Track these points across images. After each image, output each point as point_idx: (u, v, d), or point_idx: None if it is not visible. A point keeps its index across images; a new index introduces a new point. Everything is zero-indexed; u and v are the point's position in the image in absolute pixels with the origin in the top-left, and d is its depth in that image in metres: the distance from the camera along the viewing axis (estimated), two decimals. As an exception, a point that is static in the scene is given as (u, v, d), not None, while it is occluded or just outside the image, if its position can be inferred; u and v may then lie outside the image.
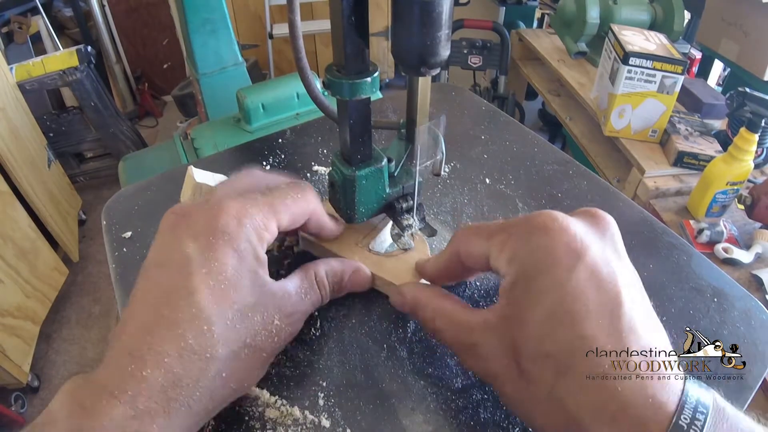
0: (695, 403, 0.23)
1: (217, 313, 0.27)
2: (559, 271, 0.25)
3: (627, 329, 0.24)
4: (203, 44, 1.45)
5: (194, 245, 0.28)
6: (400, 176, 0.40)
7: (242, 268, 0.29)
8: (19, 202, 1.64)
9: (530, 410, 0.27)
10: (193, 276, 0.27)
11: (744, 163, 1.00)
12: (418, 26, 0.29)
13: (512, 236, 0.28)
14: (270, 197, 0.32)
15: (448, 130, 0.39)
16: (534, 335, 0.25)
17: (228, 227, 0.29)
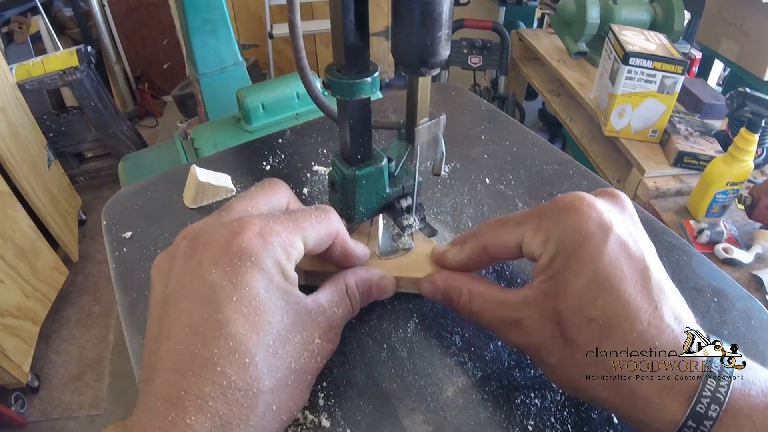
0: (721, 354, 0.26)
1: (257, 343, 0.25)
2: (593, 244, 0.28)
3: (657, 290, 0.27)
4: (203, 44, 1.45)
5: (217, 271, 0.26)
6: (400, 176, 0.40)
7: (273, 289, 0.27)
8: (19, 202, 1.64)
9: (576, 376, 0.28)
10: (223, 306, 0.25)
11: (744, 163, 1.00)
12: (418, 26, 0.29)
13: (544, 219, 0.30)
14: (293, 215, 0.30)
15: (448, 130, 0.39)
16: (577, 303, 0.27)
17: (252, 246, 0.27)
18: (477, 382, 0.34)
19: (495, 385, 0.34)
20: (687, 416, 0.25)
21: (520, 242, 0.31)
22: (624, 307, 0.27)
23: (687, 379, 0.25)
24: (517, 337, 0.31)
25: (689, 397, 0.25)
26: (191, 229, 0.30)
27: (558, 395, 0.33)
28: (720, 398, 0.25)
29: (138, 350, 0.36)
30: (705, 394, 0.25)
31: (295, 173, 0.52)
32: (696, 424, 0.25)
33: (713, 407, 0.24)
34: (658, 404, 0.26)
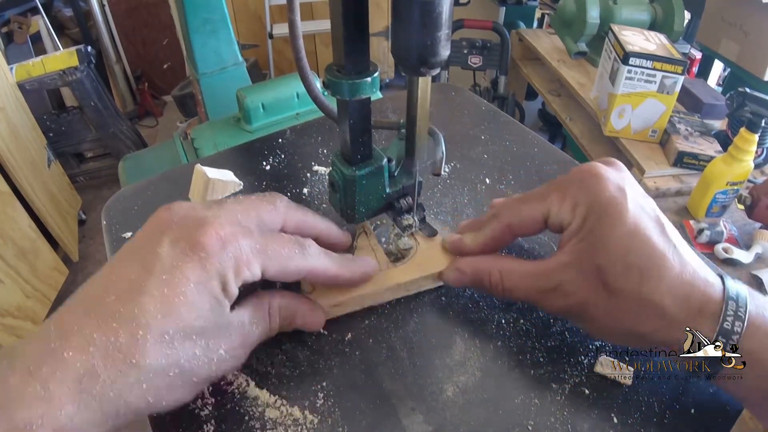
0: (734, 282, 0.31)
1: (159, 324, 0.26)
2: (617, 204, 0.31)
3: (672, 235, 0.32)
4: (203, 44, 1.44)
5: (169, 249, 0.28)
6: (400, 176, 0.40)
7: (204, 291, 0.28)
8: (19, 202, 1.64)
9: (622, 322, 0.31)
10: (151, 277, 0.27)
11: (744, 163, 1.00)
12: (418, 26, 0.29)
13: (568, 189, 0.33)
14: (268, 239, 0.31)
15: (448, 130, 0.39)
16: (616, 253, 0.31)
17: (207, 245, 0.28)
18: (477, 382, 0.34)
19: (495, 385, 0.34)
20: (717, 333, 0.29)
21: (546, 215, 0.34)
22: (653, 251, 0.30)
23: (711, 303, 0.30)
24: (559, 301, 0.33)
25: (716, 318, 0.30)
26: (178, 204, 0.31)
27: (558, 395, 0.33)
28: (741, 316, 0.29)
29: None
30: (729, 313, 0.29)
31: (295, 173, 0.52)
32: (725, 339, 0.29)
33: (737, 324, 0.29)
34: (692, 326, 0.30)
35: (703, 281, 0.31)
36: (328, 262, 0.34)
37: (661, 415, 0.33)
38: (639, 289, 0.30)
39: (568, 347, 0.36)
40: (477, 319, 0.38)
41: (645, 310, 0.31)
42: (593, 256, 0.31)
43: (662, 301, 0.30)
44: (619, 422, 0.32)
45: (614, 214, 0.31)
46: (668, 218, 0.33)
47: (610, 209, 0.31)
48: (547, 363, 0.35)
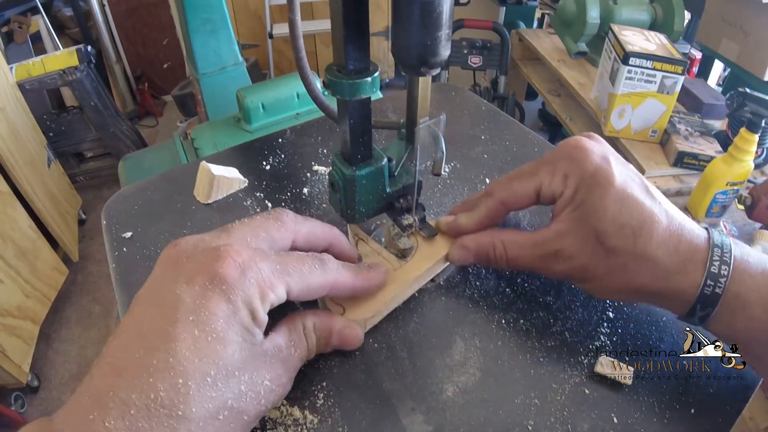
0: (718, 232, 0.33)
1: (196, 368, 0.25)
2: (604, 172, 0.34)
3: (655, 194, 0.35)
4: (203, 44, 1.44)
5: (187, 288, 0.26)
6: (400, 176, 0.40)
7: (234, 323, 0.27)
8: (19, 202, 1.64)
9: (620, 278, 0.34)
10: (178, 321, 0.25)
11: (744, 163, 1.00)
12: (419, 26, 0.29)
13: (558, 163, 0.35)
14: (286, 258, 0.30)
15: (448, 130, 0.39)
16: (610, 216, 0.33)
17: (228, 276, 0.27)
18: (477, 382, 0.34)
19: (495, 385, 0.34)
20: (705, 277, 0.32)
21: (538, 189, 0.36)
22: (642, 210, 0.33)
23: (698, 251, 0.32)
24: (560, 266, 0.35)
25: (704, 263, 0.32)
26: (185, 239, 0.30)
27: (558, 395, 0.33)
28: (727, 260, 0.32)
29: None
30: (715, 258, 0.32)
31: (295, 173, 0.52)
32: (714, 282, 0.31)
33: (723, 268, 0.32)
34: (683, 274, 0.32)
35: (690, 232, 0.33)
36: (347, 274, 0.33)
37: (661, 415, 0.33)
38: (633, 245, 0.33)
39: (568, 347, 0.36)
40: (477, 319, 0.38)
41: (640, 264, 0.33)
42: (588, 222, 0.34)
43: (654, 253, 0.32)
44: (619, 422, 0.32)
45: (603, 181, 0.33)
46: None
47: (598, 178, 0.34)
48: (547, 363, 0.35)
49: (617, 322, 0.38)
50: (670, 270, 0.32)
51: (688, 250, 0.32)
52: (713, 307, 0.32)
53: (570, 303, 0.39)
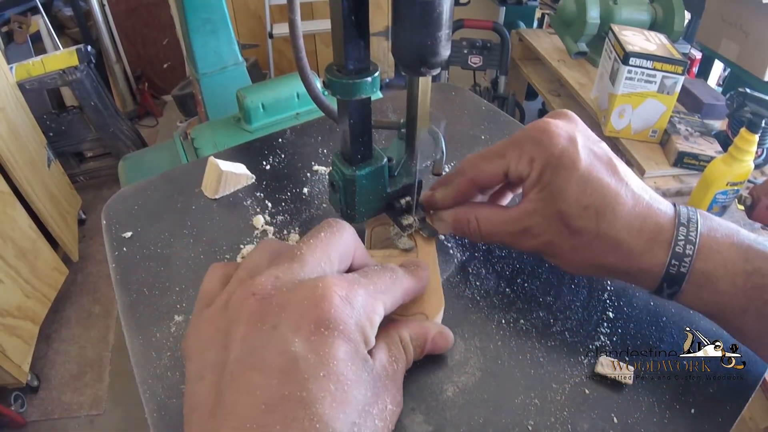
0: (686, 210, 0.34)
1: (343, 422, 0.23)
2: (570, 154, 0.34)
3: (623, 173, 0.35)
4: (203, 44, 1.44)
5: (300, 341, 0.24)
6: (400, 176, 0.40)
7: (358, 361, 0.25)
8: (19, 202, 1.64)
9: (586, 256, 0.35)
10: (308, 382, 0.23)
11: (744, 163, 1.00)
12: (419, 26, 0.29)
13: (524, 146, 0.36)
14: (370, 276, 0.29)
15: (448, 130, 0.39)
16: (573, 197, 0.34)
17: (339, 314, 0.25)
18: (477, 382, 0.34)
19: (495, 385, 0.34)
20: (669, 257, 0.32)
21: (505, 170, 0.37)
22: (607, 191, 0.33)
23: (664, 231, 0.33)
24: (529, 242, 0.36)
25: (669, 243, 0.33)
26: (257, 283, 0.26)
27: (558, 395, 0.33)
28: (692, 239, 0.32)
29: (138, 350, 0.36)
30: (680, 238, 0.32)
31: (295, 173, 0.52)
32: (678, 262, 0.32)
33: (688, 247, 0.32)
34: (648, 254, 0.33)
35: (656, 212, 0.33)
36: (412, 278, 0.32)
37: (661, 415, 0.33)
38: (597, 227, 0.33)
39: (568, 347, 0.36)
40: (477, 319, 0.38)
41: (604, 244, 0.34)
42: (553, 203, 0.34)
43: (618, 235, 0.33)
44: (619, 422, 0.32)
45: (568, 163, 0.34)
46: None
47: (563, 160, 0.34)
48: (547, 363, 0.35)
49: (617, 322, 0.38)
50: (635, 251, 0.33)
51: (654, 230, 0.33)
52: (679, 285, 0.33)
53: (570, 303, 0.39)
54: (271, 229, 0.46)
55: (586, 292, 0.40)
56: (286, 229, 0.46)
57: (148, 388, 0.34)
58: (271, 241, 0.31)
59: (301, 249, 0.28)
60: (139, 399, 0.33)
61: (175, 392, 0.34)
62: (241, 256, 0.43)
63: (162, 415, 0.32)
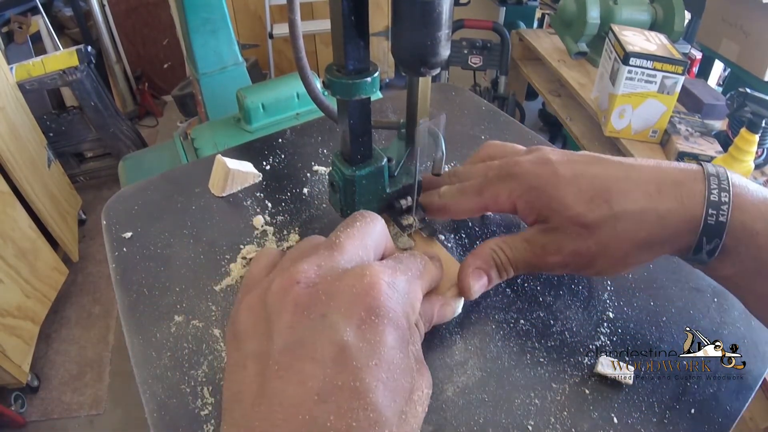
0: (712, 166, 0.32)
1: (395, 411, 0.23)
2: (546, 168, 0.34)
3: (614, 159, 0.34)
4: (203, 44, 1.44)
5: (352, 329, 0.23)
6: (400, 176, 0.40)
7: (405, 347, 0.25)
8: (19, 202, 1.64)
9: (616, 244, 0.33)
10: (361, 371, 0.22)
11: (744, 163, 1.00)
12: (418, 26, 0.29)
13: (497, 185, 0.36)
14: (406, 263, 0.29)
15: (447, 130, 0.39)
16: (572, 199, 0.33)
17: (388, 301, 0.25)
18: (477, 382, 0.34)
19: (495, 385, 0.34)
20: (706, 206, 0.30)
21: (483, 208, 0.37)
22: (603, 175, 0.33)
23: (687, 183, 0.31)
24: (555, 258, 0.34)
25: (702, 194, 0.31)
26: (300, 272, 0.26)
27: (558, 395, 0.33)
28: (726, 187, 0.30)
29: (138, 350, 0.36)
30: (713, 187, 0.30)
31: (295, 173, 0.52)
32: (716, 211, 0.30)
33: (723, 195, 0.30)
34: (681, 211, 0.31)
35: (671, 170, 0.32)
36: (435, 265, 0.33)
37: (661, 415, 0.33)
38: (611, 209, 0.32)
39: (568, 347, 0.36)
40: (477, 319, 0.38)
41: (628, 222, 0.32)
42: (559, 217, 0.33)
43: (636, 205, 0.32)
44: (619, 422, 0.32)
45: (549, 180, 0.34)
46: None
47: (543, 180, 0.34)
48: (547, 363, 0.35)
49: (617, 322, 0.38)
50: (662, 212, 0.31)
51: (675, 185, 0.31)
52: (720, 237, 0.30)
53: (570, 303, 0.39)
54: (270, 229, 0.46)
55: (586, 292, 0.40)
56: (286, 229, 0.46)
57: (148, 388, 0.34)
58: (314, 236, 0.31)
59: (339, 237, 0.28)
60: (139, 399, 0.33)
61: (175, 392, 0.34)
62: (241, 256, 0.43)
63: (162, 415, 0.32)
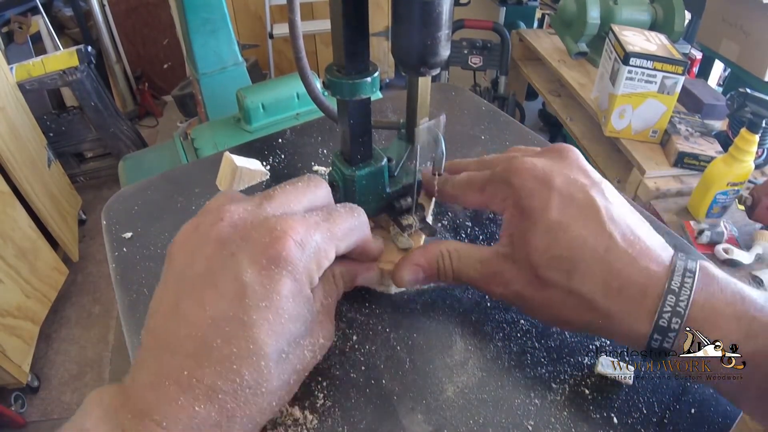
0: (683, 269, 0.29)
1: (275, 348, 0.26)
2: (539, 198, 0.32)
3: (607, 221, 0.30)
4: (203, 44, 1.45)
5: (253, 272, 0.26)
6: (400, 176, 0.40)
7: (300, 299, 0.28)
8: (19, 202, 1.64)
9: (557, 311, 0.32)
10: (250, 309, 0.26)
11: (744, 163, 1.00)
12: (418, 26, 0.29)
13: (498, 184, 0.35)
14: (332, 222, 0.30)
15: (448, 130, 0.39)
16: (543, 245, 0.31)
17: (291, 255, 0.27)
18: (477, 382, 0.34)
19: (495, 385, 0.34)
20: (652, 330, 0.28)
21: (484, 205, 0.37)
22: (581, 242, 0.30)
23: (648, 296, 0.29)
24: (499, 289, 0.34)
25: (653, 313, 0.28)
26: (229, 211, 0.29)
27: (558, 395, 0.33)
28: (680, 312, 0.28)
29: (138, 350, 0.36)
30: (666, 309, 0.28)
31: (295, 173, 0.52)
32: (662, 337, 0.28)
33: (675, 320, 0.28)
34: (628, 321, 0.29)
35: (644, 270, 0.29)
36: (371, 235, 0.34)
37: (661, 415, 0.33)
38: (568, 282, 0.30)
39: (568, 347, 0.36)
40: (477, 319, 0.38)
41: (576, 302, 0.30)
42: (522, 249, 0.32)
43: (591, 294, 0.29)
44: (619, 422, 0.32)
45: (536, 209, 0.31)
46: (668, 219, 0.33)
47: (532, 203, 0.32)
48: (547, 363, 0.35)
49: (617, 322, 0.38)
50: (613, 313, 0.29)
51: (637, 293, 0.29)
52: (664, 357, 0.29)
53: (570, 303, 0.39)
54: (271, 229, 0.46)
55: (586, 292, 0.40)
56: (286, 229, 0.46)
57: (147, 388, 0.34)
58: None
59: (276, 190, 0.31)
60: (138, 399, 0.33)
61: (174, 392, 0.33)
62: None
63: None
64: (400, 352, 0.35)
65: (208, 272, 0.27)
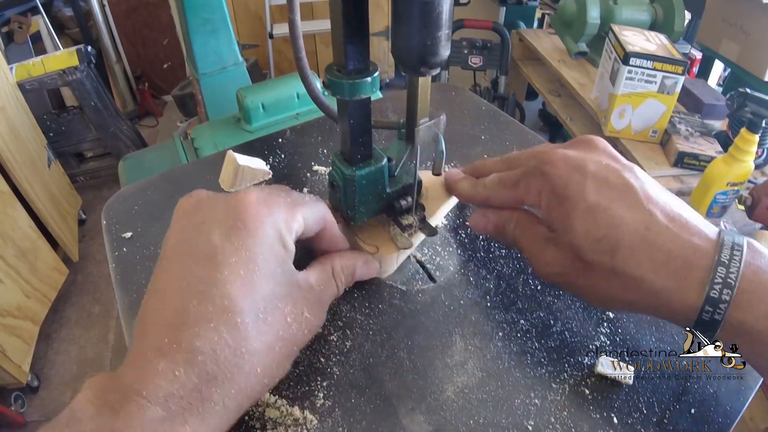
0: (731, 243, 0.29)
1: (250, 305, 0.27)
2: (575, 184, 0.32)
3: (645, 200, 0.31)
4: (203, 44, 1.44)
5: (221, 232, 0.28)
6: (400, 176, 0.40)
7: (270, 256, 0.28)
8: (19, 202, 1.64)
9: (604, 291, 0.32)
10: (221, 266, 0.27)
11: (744, 163, 1.00)
12: (418, 26, 0.29)
13: (532, 179, 0.34)
14: (291, 195, 0.32)
15: (448, 130, 0.39)
16: (584, 229, 0.31)
17: (255, 213, 0.28)
18: (477, 382, 0.34)
19: (495, 385, 0.34)
20: (704, 302, 0.28)
21: (520, 201, 0.36)
22: (621, 221, 0.30)
23: (695, 268, 0.29)
24: (547, 268, 0.34)
25: (703, 285, 0.28)
26: (197, 192, 0.31)
27: (558, 395, 0.33)
28: (731, 283, 0.28)
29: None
30: (717, 280, 0.28)
31: (295, 173, 0.52)
32: (712, 308, 0.28)
33: (726, 292, 0.28)
34: (677, 295, 0.29)
35: (687, 244, 0.29)
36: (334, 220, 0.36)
37: (661, 415, 0.33)
38: (611, 261, 0.30)
39: (568, 347, 0.36)
40: (477, 319, 0.38)
41: (622, 281, 0.30)
42: (564, 236, 0.32)
43: (636, 271, 0.30)
44: (619, 422, 0.32)
45: (574, 194, 0.32)
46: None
47: (568, 191, 0.32)
48: (547, 363, 0.35)
49: (617, 322, 0.38)
50: (660, 289, 0.29)
51: (683, 266, 0.29)
52: (714, 331, 0.29)
53: (570, 303, 0.39)
54: (271, 229, 0.46)
55: (586, 292, 0.40)
56: (286, 229, 0.46)
57: (148, 388, 0.34)
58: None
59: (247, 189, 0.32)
60: (139, 399, 0.33)
61: (175, 392, 0.33)
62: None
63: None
64: (400, 352, 0.35)
65: (182, 242, 0.29)
